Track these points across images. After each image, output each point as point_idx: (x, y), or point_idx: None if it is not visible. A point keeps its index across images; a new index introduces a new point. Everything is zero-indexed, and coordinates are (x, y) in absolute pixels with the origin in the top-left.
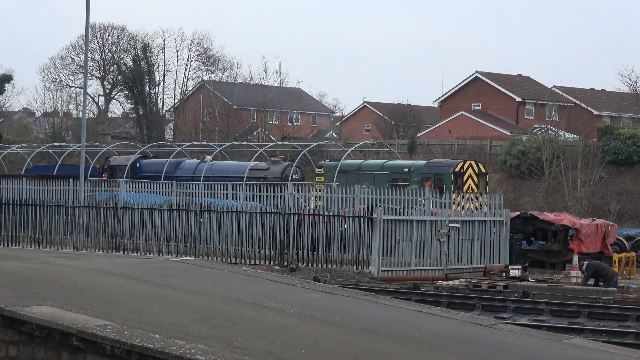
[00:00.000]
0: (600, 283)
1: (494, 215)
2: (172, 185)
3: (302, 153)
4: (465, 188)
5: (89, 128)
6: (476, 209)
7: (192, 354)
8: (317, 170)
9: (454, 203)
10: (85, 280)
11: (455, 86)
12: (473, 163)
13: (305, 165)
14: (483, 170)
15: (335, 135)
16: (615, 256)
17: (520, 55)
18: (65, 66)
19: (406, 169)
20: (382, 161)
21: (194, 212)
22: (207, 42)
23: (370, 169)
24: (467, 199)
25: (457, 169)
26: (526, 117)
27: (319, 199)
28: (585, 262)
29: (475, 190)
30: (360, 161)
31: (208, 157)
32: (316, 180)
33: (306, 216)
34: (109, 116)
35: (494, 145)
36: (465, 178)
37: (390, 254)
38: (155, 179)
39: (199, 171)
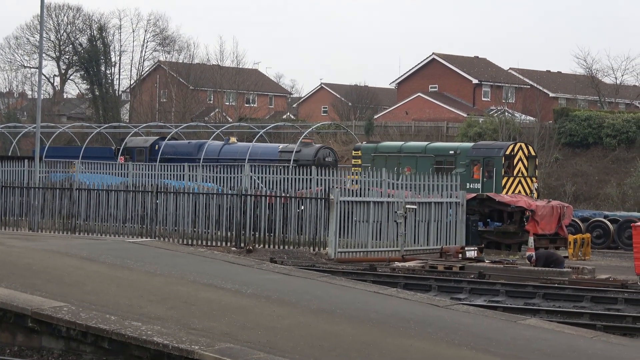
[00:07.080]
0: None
1: (450, 197)
2: (127, 167)
3: (259, 134)
4: (515, 172)
5: (44, 109)
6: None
7: (148, 335)
8: (353, 152)
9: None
10: (40, 261)
11: (412, 68)
12: (523, 145)
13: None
14: (533, 153)
15: (292, 117)
16: (571, 237)
17: (477, 37)
18: (20, 46)
19: (452, 152)
20: (425, 143)
21: (150, 193)
22: (163, 22)
23: (411, 151)
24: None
25: (507, 152)
26: (483, 98)
27: (356, 183)
28: (533, 254)
29: (525, 174)
30: (401, 143)
31: (233, 139)
32: (352, 163)
33: (263, 197)
34: (65, 97)
35: (451, 127)
36: (515, 161)
37: (347, 235)
38: (176, 161)
39: (224, 153)
